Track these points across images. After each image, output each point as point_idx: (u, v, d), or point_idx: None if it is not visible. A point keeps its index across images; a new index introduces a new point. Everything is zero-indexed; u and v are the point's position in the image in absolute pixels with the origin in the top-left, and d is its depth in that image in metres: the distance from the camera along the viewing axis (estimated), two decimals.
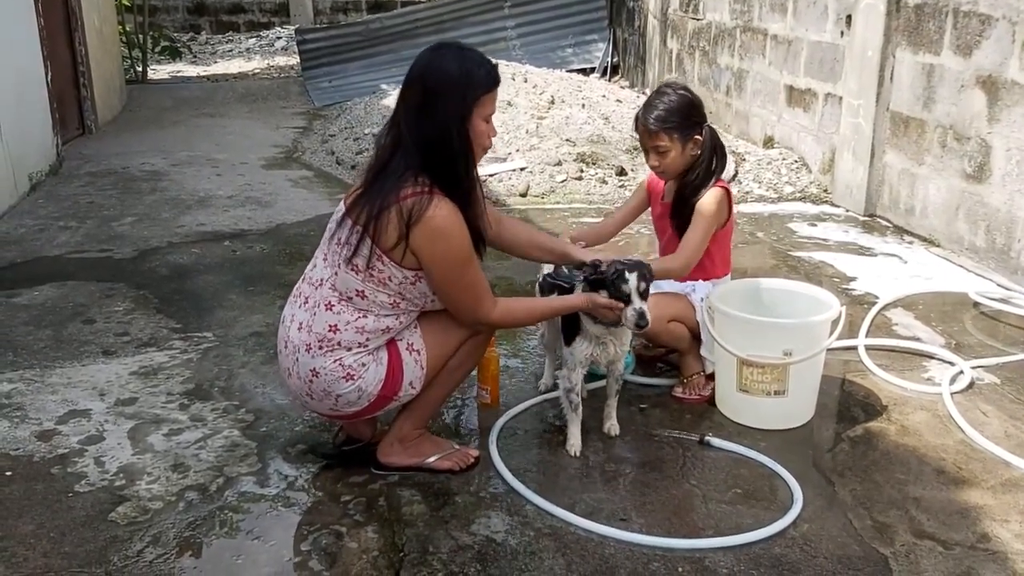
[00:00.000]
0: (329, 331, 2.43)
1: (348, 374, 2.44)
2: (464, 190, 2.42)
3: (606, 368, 2.86)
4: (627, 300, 2.56)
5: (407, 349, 2.51)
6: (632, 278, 2.55)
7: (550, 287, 2.86)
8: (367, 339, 2.45)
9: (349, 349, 2.44)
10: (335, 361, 2.43)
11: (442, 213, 2.35)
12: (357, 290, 2.42)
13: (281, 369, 2.59)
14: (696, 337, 3.12)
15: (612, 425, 2.88)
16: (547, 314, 2.80)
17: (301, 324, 2.48)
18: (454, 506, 2.52)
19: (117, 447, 2.84)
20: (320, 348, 2.44)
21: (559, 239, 3.04)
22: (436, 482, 2.62)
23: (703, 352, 3.13)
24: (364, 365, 2.45)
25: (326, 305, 2.44)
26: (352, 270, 2.40)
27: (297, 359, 2.48)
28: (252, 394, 3.20)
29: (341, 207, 2.51)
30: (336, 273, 2.43)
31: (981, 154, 4.49)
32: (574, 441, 2.79)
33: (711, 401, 3.10)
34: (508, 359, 3.41)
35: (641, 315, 2.56)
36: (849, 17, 5.51)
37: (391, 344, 2.50)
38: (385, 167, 2.40)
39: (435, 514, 2.48)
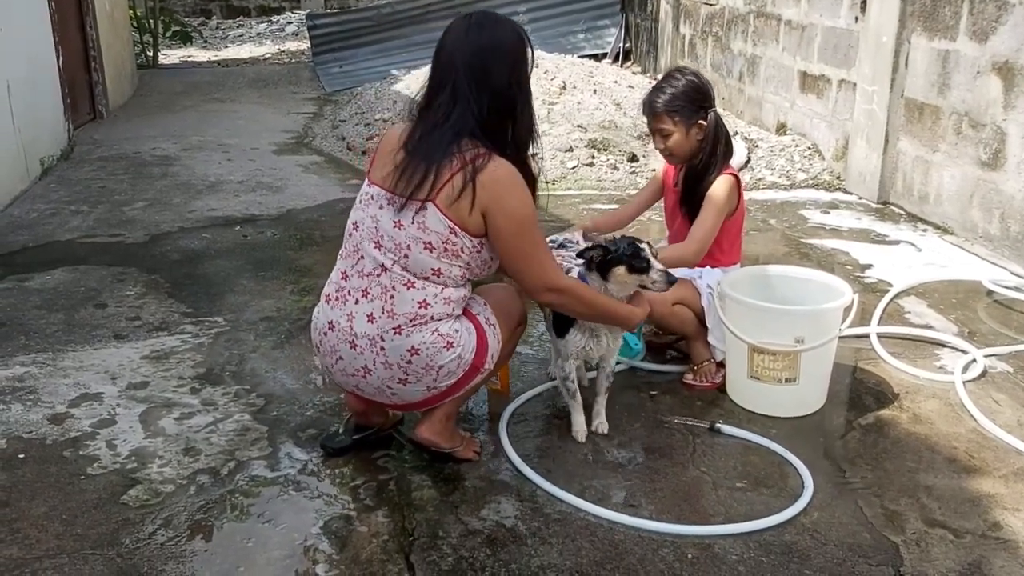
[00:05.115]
0: (420, 307, 2.40)
1: (448, 342, 2.42)
2: (524, 149, 2.46)
3: (597, 363, 2.85)
4: (648, 266, 2.62)
5: (486, 323, 2.52)
6: (645, 247, 2.64)
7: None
8: (452, 308, 2.44)
9: (440, 320, 2.42)
10: (433, 332, 2.40)
11: (506, 169, 2.37)
12: (433, 269, 2.39)
13: (348, 373, 2.49)
14: (702, 322, 3.11)
15: (600, 423, 2.84)
16: (607, 313, 2.66)
17: (371, 315, 2.42)
18: (464, 491, 2.53)
19: (129, 430, 2.86)
20: (413, 325, 2.40)
21: None
22: (446, 467, 2.63)
23: (711, 340, 3.13)
24: (458, 332, 2.44)
25: (406, 284, 2.39)
26: (427, 249, 2.37)
27: (383, 347, 2.41)
28: (263, 379, 3.21)
29: (376, 190, 2.44)
30: (407, 256, 2.38)
31: (996, 141, 4.45)
32: (578, 428, 2.80)
33: (721, 388, 3.10)
34: (518, 346, 3.40)
35: (666, 272, 2.64)
36: (864, 2, 5.47)
37: (471, 317, 2.50)
38: (431, 133, 2.37)
39: (445, 499, 2.49)
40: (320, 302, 2.58)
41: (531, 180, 2.49)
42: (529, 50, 2.45)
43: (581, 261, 2.71)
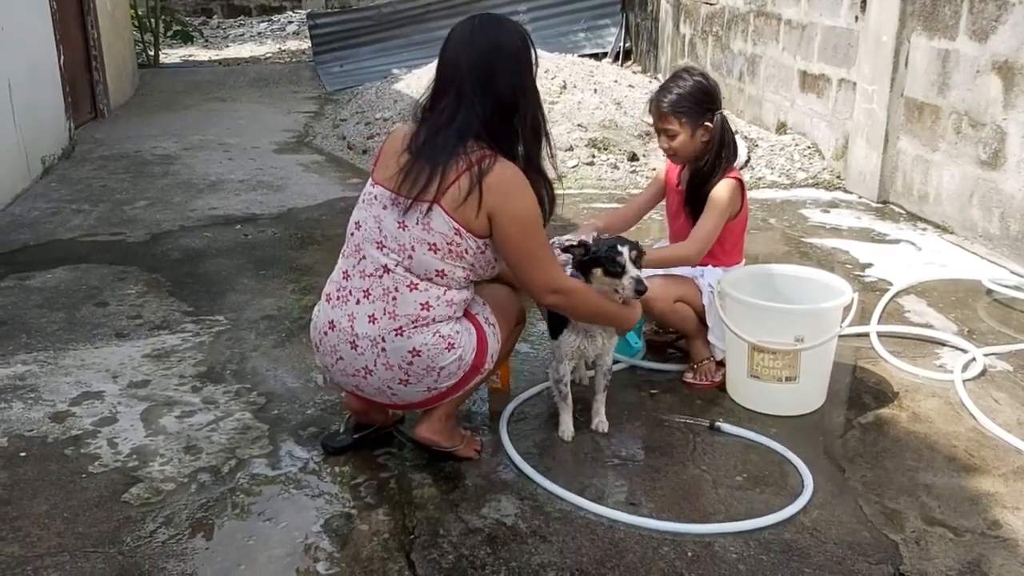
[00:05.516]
0: (422, 309, 2.40)
1: (449, 343, 2.42)
2: (535, 152, 2.46)
3: (593, 363, 2.85)
4: (622, 271, 2.58)
5: (486, 322, 2.52)
6: (624, 250, 2.59)
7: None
8: (454, 311, 2.45)
9: (441, 322, 2.42)
10: (434, 334, 2.41)
11: (511, 171, 2.37)
12: (437, 270, 2.39)
13: (348, 374, 2.50)
14: (703, 320, 3.12)
15: (600, 422, 2.85)
16: (608, 314, 2.67)
17: (372, 315, 2.42)
18: (464, 489, 2.53)
19: (130, 429, 2.86)
20: (415, 327, 2.40)
21: None
22: (446, 465, 2.63)
23: (711, 339, 3.13)
24: (459, 332, 2.44)
25: (409, 286, 2.39)
26: (431, 250, 2.37)
27: (384, 348, 2.41)
28: (264, 377, 3.22)
29: (379, 190, 2.45)
30: (411, 257, 2.39)
31: (996, 140, 4.45)
32: (565, 428, 2.80)
33: (721, 387, 3.10)
34: (518, 344, 3.40)
35: (638, 281, 2.58)
36: (864, 1, 5.47)
37: (471, 317, 2.51)
38: (436, 135, 2.38)
39: (445, 497, 2.49)
40: (320, 301, 2.58)
41: (548, 181, 2.50)
42: (533, 53, 2.45)
43: (568, 257, 2.70)
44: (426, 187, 2.35)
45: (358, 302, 2.45)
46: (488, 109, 2.37)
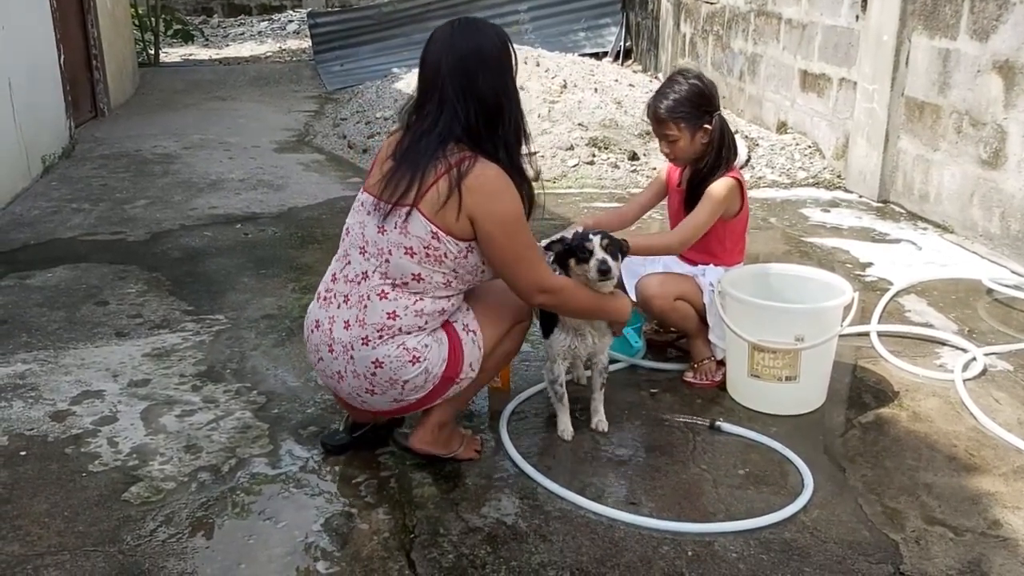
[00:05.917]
0: (388, 318, 2.38)
1: (413, 357, 2.40)
2: (515, 152, 2.43)
3: (587, 361, 2.85)
4: (590, 256, 2.57)
5: (464, 330, 2.49)
6: (596, 239, 2.57)
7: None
8: (425, 322, 2.42)
9: (409, 333, 2.40)
10: (399, 346, 2.39)
11: (492, 172, 2.35)
12: (413, 274, 2.37)
13: (327, 375, 2.51)
14: (703, 319, 3.12)
15: (600, 420, 2.85)
16: (600, 309, 2.66)
17: (348, 322, 2.42)
18: (464, 489, 2.53)
19: (130, 428, 2.86)
20: (380, 337, 2.39)
21: None
22: (447, 465, 2.63)
23: (712, 338, 3.13)
24: (427, 346, 2.41)
25: (379, 294, 2.39)
26: (407, 254, 2.36)
27: (352, 357, 2.42)
28: (264, 376, 3.22)
29: (366, 197, 2.46)
30: (387, 260, 2.38)
31: (997, 140, 4.45)
32: (564, 427, 2.80)
33: (722, 386, 3.10)
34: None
35: (603, 262, 2.56)
36: (864, 1, 5.47)
37: (447, 325, 2.48)
38: (419, 141, 2.37)
39: (446, 496, 2.49)
40: (314, 299, 2.59)
41: (527, 181, 2.48)
42: (513, 55, 2.44)
43: (551, 253, 2.70)
44: (406, 192, 2.34)
45: (339, 306, 2.46)
46: (471, 113, 2.36)
